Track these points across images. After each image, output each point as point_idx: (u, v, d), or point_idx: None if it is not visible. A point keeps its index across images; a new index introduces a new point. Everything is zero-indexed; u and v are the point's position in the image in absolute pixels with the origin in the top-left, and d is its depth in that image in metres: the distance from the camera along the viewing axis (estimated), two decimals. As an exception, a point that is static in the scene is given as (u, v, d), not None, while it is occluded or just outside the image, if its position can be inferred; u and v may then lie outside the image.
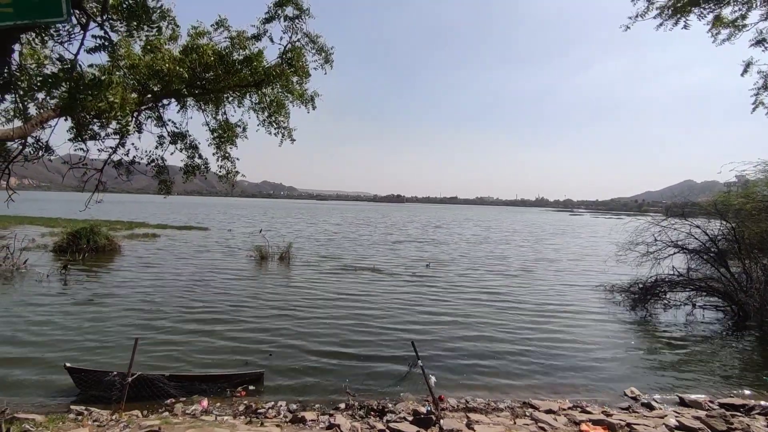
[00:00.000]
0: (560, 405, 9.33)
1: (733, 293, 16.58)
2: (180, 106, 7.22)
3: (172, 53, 6.23)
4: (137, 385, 8.64)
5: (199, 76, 6.59)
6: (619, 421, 8.31)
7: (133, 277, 21.11)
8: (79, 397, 8.98)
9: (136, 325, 13.64)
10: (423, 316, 15.88)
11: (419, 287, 20.93)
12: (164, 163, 7.64)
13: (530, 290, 21.36)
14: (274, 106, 7.59)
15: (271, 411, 8.65)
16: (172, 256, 28.32)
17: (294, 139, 7.86)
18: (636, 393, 10.21)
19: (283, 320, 14.75)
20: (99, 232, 28.98)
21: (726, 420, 8.58)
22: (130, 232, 41.89)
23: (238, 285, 20.28)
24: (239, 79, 6.83)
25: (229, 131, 7.98)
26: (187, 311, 15.37)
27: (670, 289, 18.11)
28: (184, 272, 22.82)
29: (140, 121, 7.03)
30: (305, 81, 7.56)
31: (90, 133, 6.38)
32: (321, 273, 24.03)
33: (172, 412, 8.50)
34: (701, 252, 18.39)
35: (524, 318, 16.07)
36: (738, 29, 7.96)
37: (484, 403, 9.43)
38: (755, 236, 18.87)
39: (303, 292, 19.20)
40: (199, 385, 9.49)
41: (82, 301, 16.24)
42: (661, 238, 18.82)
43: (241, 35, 7.28)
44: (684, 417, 8.67)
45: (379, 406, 8.92)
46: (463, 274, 25.04)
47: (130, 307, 15.64)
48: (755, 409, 9.44)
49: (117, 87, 4.20)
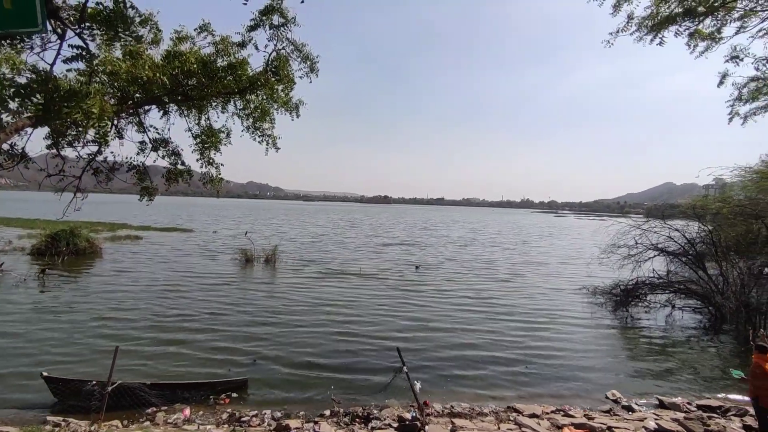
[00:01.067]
0: (543, 409, 9.44)
1: (710, 295, 17.00)
2: (162, 112, 7.10)
3: (153, 60, 6.12)
4: (117, 394, 8.46)
5: (181, 83, 6.49)
6: (600, 425, 8.44)
7: (114, 281, 20.69)
8: (57, 408, 8.76)
9: (116, 332, 13.36)
10: (409, 322, 15.90)
11: (405, 292, 20.96)
12: (145, 169, 7.51)
13: (516, 294, 21.58)
14: (259, 112, 7.51)
15: (255, 419, 8.57)
16: (155, 260, 27.83)
17: (278, 147, 7.80)
18: (617, 396, 10.40)
19: (267, 326, 14.61)
20: (79, 235, 28.34)
21: (703, 422, 8.79)
22: (112, 233, 41.06)
23: (222, 290, 20.02)
24: (223, 86, 6.75)
25: (213, 137, 7.87)
26: (168, 317, 15.12)
27: (651, 291, 18.49)
28: (167, 276, 22.45)
29: (121, 128, 6.88)
30: (290, 89, 7.50)
31: (68, 139, 6.24)
32: (306, 277, 23.88)
33: (153, 422, 8.37)
34: (680, 254, 18.84)
35: (509, 323, 16.23)
36: (715, 41, 8.19)
37: (468, 408, 9.49)
38: (731, 239, 19.42)
39: (288, 297, 19.06)
40: (181, 393, 9.34)
41: (60, 308, 15.85)
42: (641, 241, 19.22)
43: (226, 41, 7.19)
44: (663, 420, 8.85)
45: (364, 412, 8.90)
46: (450, 279, 25.14)
47: (110, 314, 15.32)
48: (731, 411, 9.69)
49: (95, 98, 4.11)
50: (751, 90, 9.12)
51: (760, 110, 9.77)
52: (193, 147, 7.92)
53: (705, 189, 22.19)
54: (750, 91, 9.16)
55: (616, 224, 20.35)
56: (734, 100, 9.15)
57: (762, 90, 9.05)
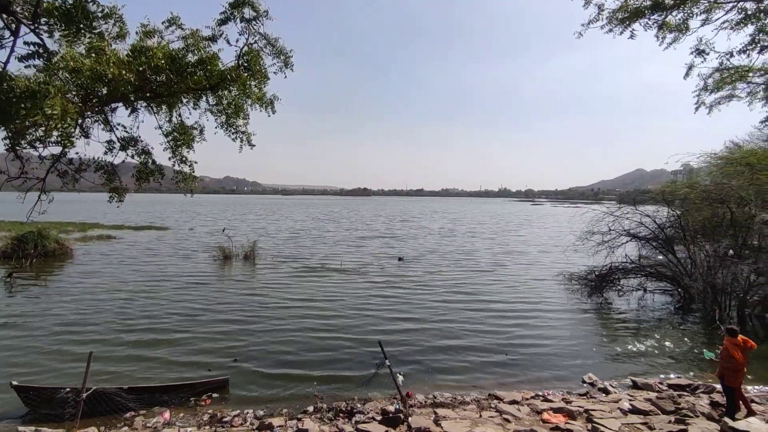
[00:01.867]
0: (523, 395, 9.68)
1: (679, 278, 17.65)
2: (130, 110, 6.83)
3: (118, 56, 5.86)
4: (93, 400, 8.26)
5: (149, 80, 6.25)
6: (578, 408, 8.71)
7: (86, 283, 20.05)
8: (29, 418, 8.49)
9: (89, 337, 12.98)
10: (390, 315, 15.99)
11: (386, 286, 21.03)
12: (114, 169, 7.24)
13: (495, 284, 21.95)
14: (232, 108, 7.32)
15: (237, 419, 8.50)
16: (129, 260, 27.09)
17: (253, 144, 7.63)
18: (593, 379, 10.74)
19: (247, 324, 14.46)
20: (48, 236, 27.34)
21: (674, 400, 9.18)
22: (83, 234, 39.73)
23: (200, 289, 19.67)
24: (193, 82, 6.53)
25: (185, 135, 7.64)
26: (144, 319, 14.78)
27: (624, 275, 19.06)
28: (141, 277, 21.90)
29: (86, 126, 6.60)
30: (264, 84, 7.33)
31: (29, 139, 5.95)
32: (286, 273, 23.69)
33: (131, 427, 8.21)
34: (651, 239, 19.47)
35: (489, 312, 16.51)
36: (682, 33, 8.41)
37: (451, 397, 9.64)
38: (698, 223, 20.18)
39: (268, 294, 18.88)
40: (160, 396, 9.17)
41: (29, 313, 15.28)
42: (614, 227, 19.74)
43: (195, 35, 6.95)
44: (637, 400, 9.20)
45: (347, 407, 8.94)
46: (430, 271, 25.33)
47: (82, 318, 14.86)
48: (699, 389, 10.14)
49: (55, 98, 3.91)
50: (716, 80, 9.45)
51: (724, 99, 10.14)
52: (165, 145, 7.68)
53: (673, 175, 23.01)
54: (715, 82, 9.49)
55: (590, 211, 20.84)
56: (700, 90, 9.46)
57: (725, 80, 9.38)
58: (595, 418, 8.04)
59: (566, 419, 8.17)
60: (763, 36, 7.87)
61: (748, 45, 7.90)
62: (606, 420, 7.92)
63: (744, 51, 7.91)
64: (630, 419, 8.19)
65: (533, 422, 8.11)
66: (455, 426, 7.74)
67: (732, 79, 9.40)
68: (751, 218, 16.73)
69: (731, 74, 9.18)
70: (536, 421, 8.16)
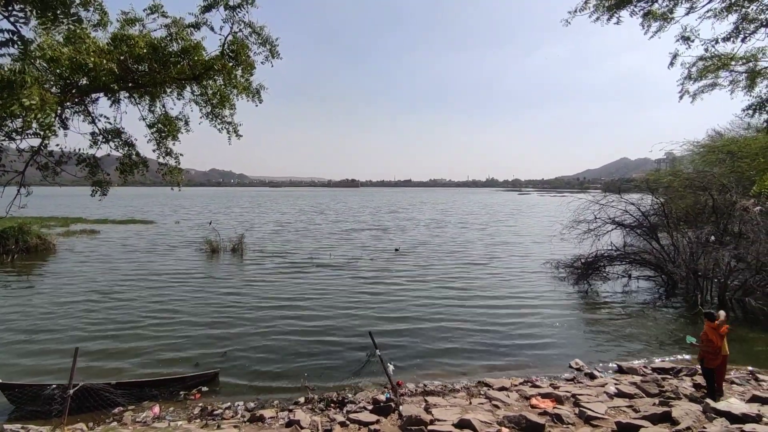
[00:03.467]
0: (512, 382, 9.83)
1: (663, 264, 18.04)
2: (111, 100, 6.65)
3: (99, 44, 5.68)
4: (80, 396, 8.14)
5: (130, 69, 6.08)
6: (565, 393, 8.89)
7: (70, 279, 19.69)
8: (14, 415, 8.35)
9: (75, 333, 12.79)
10: (379, 306, 16.04)
11: (375, 279, 21.04)
12: (96, 162, 7.06)
13: (484, 273, 22.16)
14: (218, 98, 7.18)
15: (228, 411, 8.48)
16: (114, 254, 26.66)
17: (240, 135, 7.50)
18: (580, 364, 10.95)
19: (236, 318, 14.38)
20: (29, 231, 26.74)
21: (658, 384, 9.41)
22: (66, 229, 38.96)
23: (187, 282, 19.46)
24: (177, 72, 6.38)
25: (170, 126, 7.48)
26: (132, 314, 14.59)
27: (609, 263, 19.40)
28: (127, 271, 21.58)
29: (66, 118, 6.41)
30: (250, 74, 7.18)
31: (6, 130, 5.76)
32: (274, 266, 23.54)
33: (120, 422, 8.13)
34: (635, 227, 19.83)
35: (478, 301, 16.68)
36: (667, 21, 8.48)
37: (441, 385, 9.76)
38: (681, 210, 20.63)
39: (257, 287, 18.78)
40: (149, 390, 9.08)
41: (12, 309, 14.96)
42: (600, 215, 20.04)
43: (178, 23, 6.76)
44: (622, 384, 9.42)
45: (339, 397, 8.98)
46: (419, 263, 25.40)
47: (67, 313, 14.61)
48: (683, 372, 10.41)
49: (32, 87, 3.76)
50: (700, 69, 9.57)
51: (707, 88, 10.29)
52: (149, 137, 7.51)
53: (657, 163, 23.43)
54: (698, 70, 9.62)
55: (576, 200, 21.10)
56: (684, 79, 9.58)
57: (709, 69, 9.51)
58: (582, 402, 8.21)
59: (554, 404, 8.33)
60: (746, 24, 7.99)
61: (732, 33, 8.00)
62: (593, 404, 8.09)
63: (728, 38, 8.01)
64: (616, 402, 8.39)
65: (522, 408, 8.26)
66: (446, 413, 7.82)
67: (715, 68, 9.54)
68: (732, 205, 17.12)
69: (714, 63, 9.32)
70: (525, 407, 8.31)
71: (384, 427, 7.43)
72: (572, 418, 7.61)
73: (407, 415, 7.47)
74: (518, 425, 7.21)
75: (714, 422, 6.87)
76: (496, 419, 7.58)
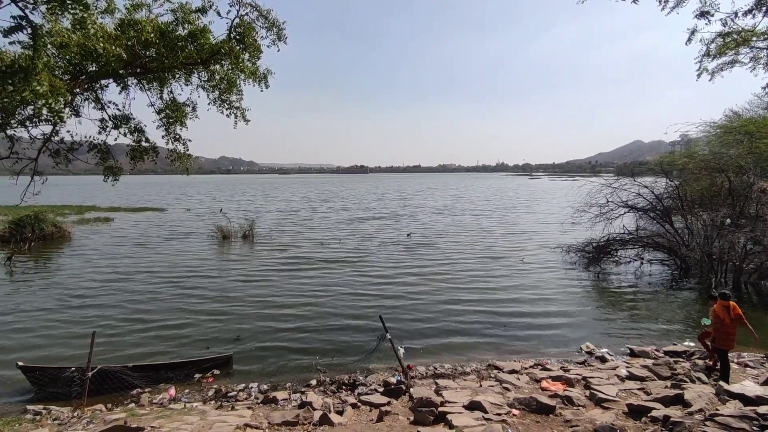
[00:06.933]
0: (522, 364, 9.86)
1: (676, 247, 17.79)
2: (120, 86, 6.66)
3: (107, 30, 5.67)
4: (99, 378, 8.37)
5: (138, 55, 6.07)
6: (576, 376, 8.89)
7: (86, 265, 20.08)
8: (36, 396, 8.63)
9: (92, 318, 13.08)
10: (390, 289, 16.11)
11: (385, 262, 21.16)
12: (107, 148, 7.12)
13: (493, 257, 22.07)
14: (225, 83, 7.15)
15: (242, 394, 8.65)
16: (128, 241, 27.09)
17: (248, 119, 7.48)
18: (591, 347, 10.92)
19: (249, 302, 14.58)
20: (45, 219, 27.25)
21: (670, 366, 9.36)
22: (80, 216, 39.60)
23: (200, 268, 19.73)
24: (184, 56, 6.35)
25: (178, 111, 7.49)
26: (146, 299, 14.87)
27: (621, 246, 19.21)
28: (141, 257, 21.94)
29: (76, 104, 6.44)
30: (257, 58, 7.12)
31: (19, 118, 5.81)
32: (285, 253, 23.73)
33: (138, 403, 8.34)
34: (648, 210, 19.53)
35: (488, 284, 16.66)
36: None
37: (451, 368, 9.82)
38: (696, 193, 20.23)
39: (268, 272, 18.97)
40: (165, 373, 9.31)
41: (30, 295, 15.35)
42: (612, 199, 19.77)
43: (185, 7, 6.71)
44: (633, 367, 9.39)
45: (350, 380, 9.11)
46: (430, 247, 25.43)
47: (84, 299, 14.95)
48: (696, 354, 10.34)
49: (42, 73, 3.77)
50: (719, 45, 9.25)
51: (726, 65, 9.96)
52: (158, 123, 7.54)
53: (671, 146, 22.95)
54: (718, 47, 9.30)
55: (588, 184, 20.80)
56: (702, 56, 9.28)
57: (728, 45, 9.19)
58: (593, 385, 8.21)
59: (564, 387, 8.34)
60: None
61: (754, 6, 7.68)
62: (603, 386, 8.09)
63: (750, 12, 7.70)
64: (627, 385, 8.37)
65: (532, 390, 8.28)
66: (456, 395, 7.89)
67: (735, 44, 9.21)
68: (750, 187, 16.74)
69: (734, 39, 8.99)
70: (535, 389, 8.33)
71: (395, 409, 7.52)
72: (583, 400, 7.62)
73: (418, 397, 7.54)
74: (528, 407, 7.24)
75: (727, 404, 6.83)
76: (506, 401, 7.62)
